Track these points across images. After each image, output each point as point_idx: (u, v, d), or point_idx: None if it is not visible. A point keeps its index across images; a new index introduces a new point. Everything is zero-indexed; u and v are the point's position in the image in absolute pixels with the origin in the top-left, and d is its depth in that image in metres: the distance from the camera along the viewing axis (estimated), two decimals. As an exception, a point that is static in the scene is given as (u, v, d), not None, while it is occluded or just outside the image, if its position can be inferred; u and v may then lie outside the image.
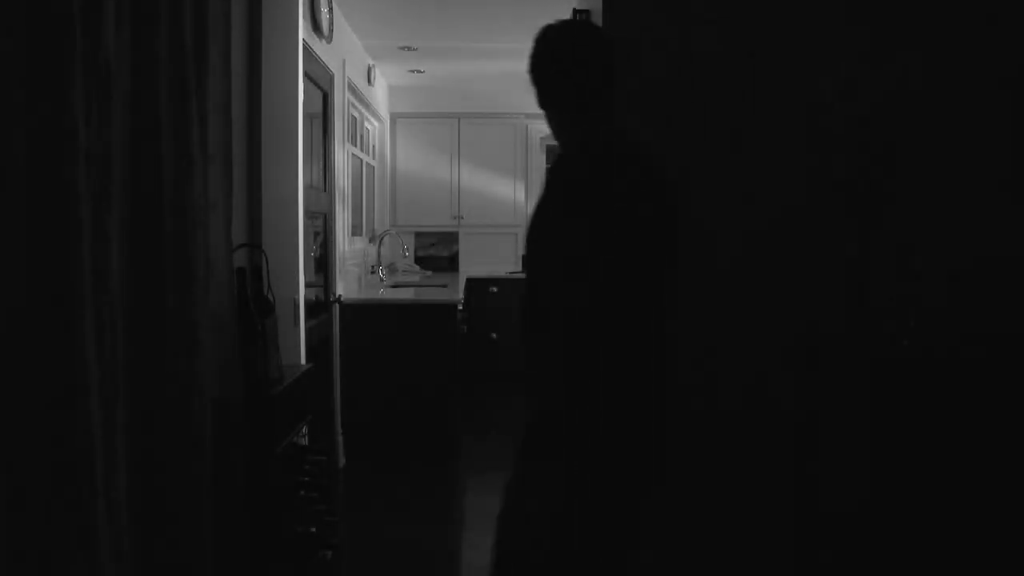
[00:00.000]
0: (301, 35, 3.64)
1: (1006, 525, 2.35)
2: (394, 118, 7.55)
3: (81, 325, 1.42)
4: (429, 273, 7.34)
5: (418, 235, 7.76)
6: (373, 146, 6.74)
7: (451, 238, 7.79)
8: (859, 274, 2.54)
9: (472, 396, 6.15)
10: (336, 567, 2.62)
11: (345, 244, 5.20)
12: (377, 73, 6.57)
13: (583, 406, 1.56)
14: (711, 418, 2.84)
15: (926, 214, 2.68)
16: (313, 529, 2.43)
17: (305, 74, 3.85)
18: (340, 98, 5.04)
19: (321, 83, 4.59)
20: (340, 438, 4.67)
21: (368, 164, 6.46)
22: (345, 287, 5.00)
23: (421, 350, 4.91)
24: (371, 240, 6.51)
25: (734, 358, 2.82)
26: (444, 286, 6.19)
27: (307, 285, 3.83)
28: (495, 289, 7.20)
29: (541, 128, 7.91)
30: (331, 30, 4.56)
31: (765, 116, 2.79)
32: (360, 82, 5.83)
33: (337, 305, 4.72)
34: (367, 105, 6.18)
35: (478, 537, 3.69)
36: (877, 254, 2.63)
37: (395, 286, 6.23)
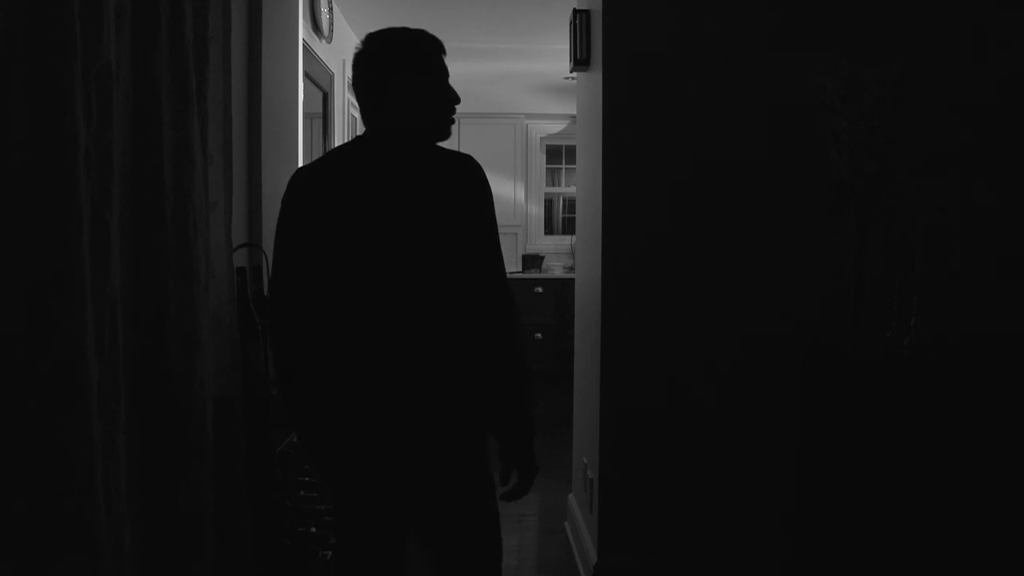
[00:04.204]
0: (301, 35, 3.64)
1: (1008, 524, 2.36)
2: (394, 118, 7.53)
3: (82, 324, 1.42)
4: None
5: (418, 235, 7.75)
6: (373, 146, 6.73)
7: (451, 238, 7.78)
8: (859, 274, 2.54)
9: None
10: (336, 567, 2.61)
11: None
12: (377, 73, 6.57)
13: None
14: (711, 418, 2.84)
15: (926, 214, 2.68)
16: (313, 529, 2.44)
17: (305, 74, 3.85)
18: (340, 98, 5.04)
19: (321, 83, 4.59)
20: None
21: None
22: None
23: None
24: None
25: (734, 358, 2.82)
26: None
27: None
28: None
29: (541, 128, 7.92)
30: (331, 30, 4.56)
31: (765, 116, 2.79)
32: (360, 82, 5.82)
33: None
34: (367, 105, 6.17)
35: (478, 537, 3.70)
36: (877, 254, 2.63)
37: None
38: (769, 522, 2.81)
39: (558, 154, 8.09)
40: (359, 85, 1.86)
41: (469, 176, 1.80)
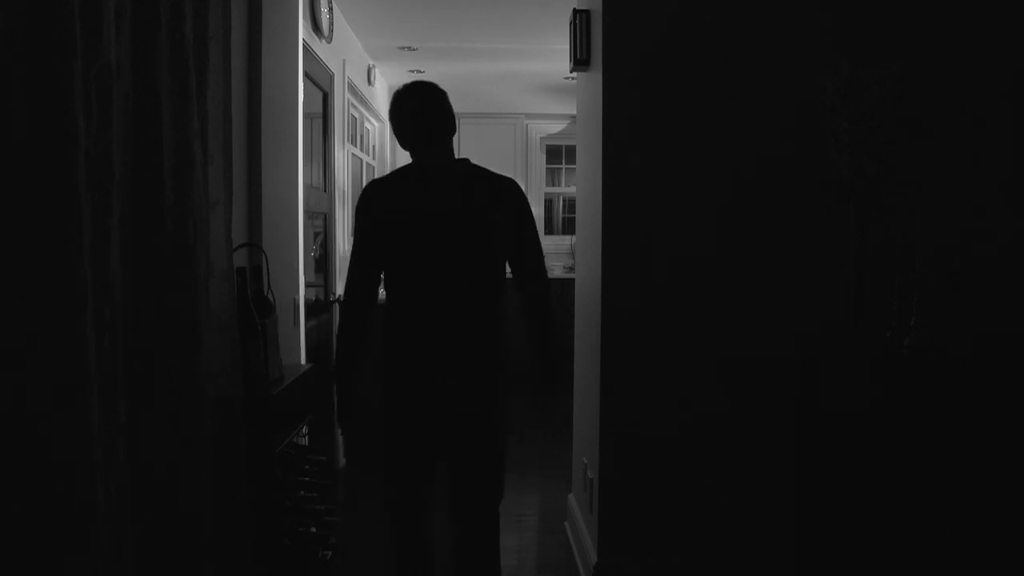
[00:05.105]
0: (301, 35, 3.64)
1: (1008, 524, 2.36)
2: (394, 118, 7.53)
3: (82, 325, 1.42)
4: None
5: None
6: (373, 146, 6.74)
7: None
8: (859, 274, 2.54)
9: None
10: (336, 567, 2.61)
11: (345, 244, 5.20)
12: (377, 73, 6.58)
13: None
14: (711, 418, 2.84)
15: (926, 214, 2.68)
16: (313, 529, 2.43)
17: (305, 74, 3.85)
18: (340, 98, 5.04)
19: (321, 83, 4.59)
20: (340, 438, 4.67)
21: (368, 164, 6.47)
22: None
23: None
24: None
25: (733, 357, 2.82)
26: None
27: (307, 285, 3.83)
28: None
29: (541, 128, 7.93)
30: (331, 30, 4.56)
31: (765, 115, 2.79)
32: (360, 82, 5.83)
33: (337, 305, 4.73)
34: (367, 105, 6.18)
35: (478, 537, 3.70)
36: (877, 254, 2.63)
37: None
38: (769, 522, 2.81)
39: (558, 154, 8.09)
40: (408, 120, 2.41)
41: (515, 196, 2.44)
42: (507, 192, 2.42)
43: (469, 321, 2.37)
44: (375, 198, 2.42)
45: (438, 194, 2.37)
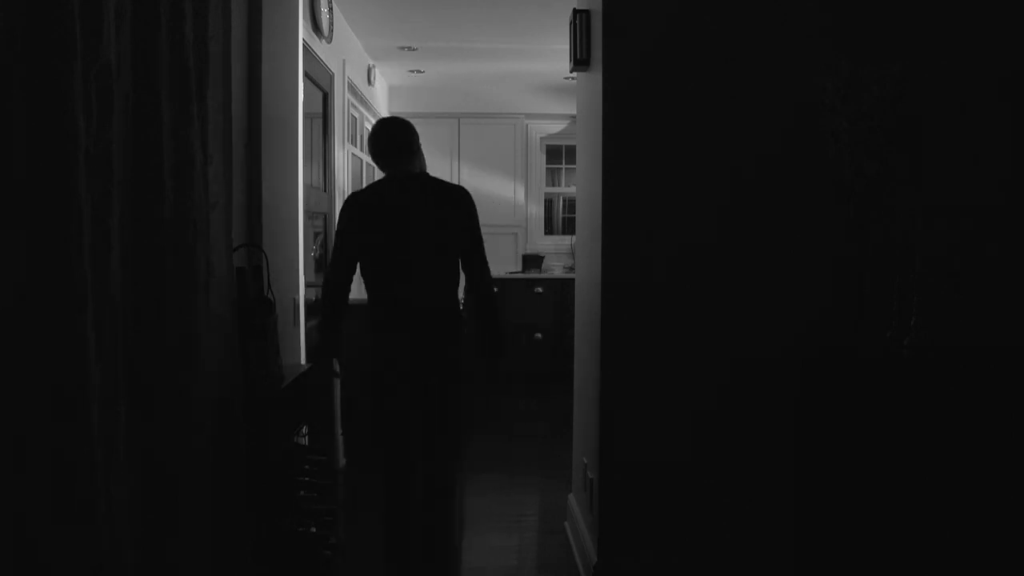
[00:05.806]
0: (301, 35, 3.64)
1: (1007, 524, 2.36)
2: (394, 118, 7.53)
3: (82, 325, 1.42)
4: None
5: (418, 235, 7.74)
6: (373, 146, 6.73)
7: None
8: (858, 274, 2.54)
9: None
10: (336, 567, 2.61)
11: (345, 244, 5.19)
12: (377, 73, 6.58)
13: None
14: (711, 417, 2.84)
15: (926, 214, 2.68)
16: (313, 529, 2.44)
17: (305, 74, 3.85)
18: (340, 98, 5.05)
19: (321, 83, 4.59)
20: (340, 438, 4.67)
21: (368, 164, 6.46)
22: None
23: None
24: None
25: (734, 357, 2.82)
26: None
27: (307, 285, 3.83)
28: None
29: (541, 128, 7.93)
30: (331, 30, 4.56)
31: (765, 115, 2.79)
32: (360, 82, 5.83)
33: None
34: (367, 105, 6.18)
35: (476, 536, 3.69)
36: (877, 254, 2.63)
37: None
38: (769, 522, 2.81)
39: (558, 154, 8.09)
40: (382, 149, 2.99)
41: (464, 200, 3.03)
42: (460, 198, 3.01)
43: (437, 305, 2.95)
44: (357, 205, 2.97)
45: (408, 198, 2.95)
